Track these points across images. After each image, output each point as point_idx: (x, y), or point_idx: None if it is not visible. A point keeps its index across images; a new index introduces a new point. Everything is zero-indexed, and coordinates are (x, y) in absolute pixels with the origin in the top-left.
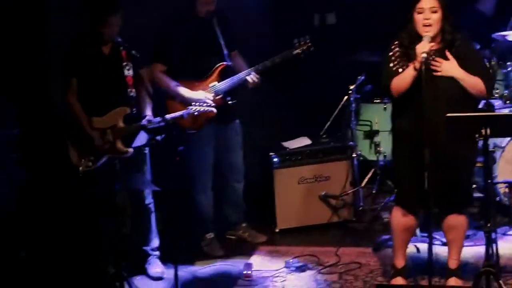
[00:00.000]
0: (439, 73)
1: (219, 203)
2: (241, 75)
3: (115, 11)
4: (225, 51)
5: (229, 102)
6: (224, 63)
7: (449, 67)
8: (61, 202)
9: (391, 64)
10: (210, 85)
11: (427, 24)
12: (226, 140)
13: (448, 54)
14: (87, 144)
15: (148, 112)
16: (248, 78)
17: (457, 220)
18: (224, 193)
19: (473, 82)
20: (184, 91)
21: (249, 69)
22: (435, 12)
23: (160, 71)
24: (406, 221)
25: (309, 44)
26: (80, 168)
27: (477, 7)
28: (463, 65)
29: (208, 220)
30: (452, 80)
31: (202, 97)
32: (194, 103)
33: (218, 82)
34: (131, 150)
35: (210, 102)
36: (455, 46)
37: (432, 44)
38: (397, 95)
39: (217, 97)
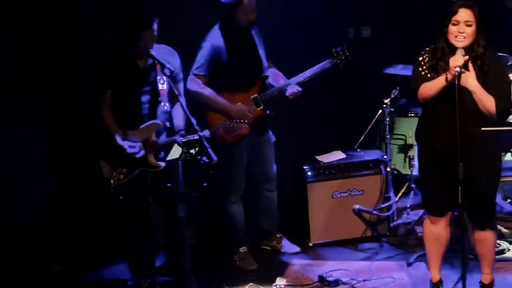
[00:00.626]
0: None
1: (253, 213)
2: (281, 86)
3: (148, 26)
4: (265, 63)
5: (269, 114)
6: (265, 74)
7: (466, 77)
8: (94, 215)
9: (420, 69)
10: (252, 97)
11: (460, 36)
12: (260, 150)
13: (470, 65)
14: (119, 157)
15: (182, 127)
16: (289, 89)
17: (484, 234)
18: (258, 203)
19: (484, 99)
20: (225, 103)
21: (288, 80)
22: (469, 25)
23: (202, 82)
24: (437, 229)
25: (347, 53)
26: (112, 181)
27: None
28: (485, 79)
29: (241, 231)
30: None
31: (243, 110)
32: (227, 120)
33: (259, 94)
34: (163, 164)
35: (250, 115)
36: (481, 59)
37: (466, 57)
38: (421, 101)
39: (258, 109)
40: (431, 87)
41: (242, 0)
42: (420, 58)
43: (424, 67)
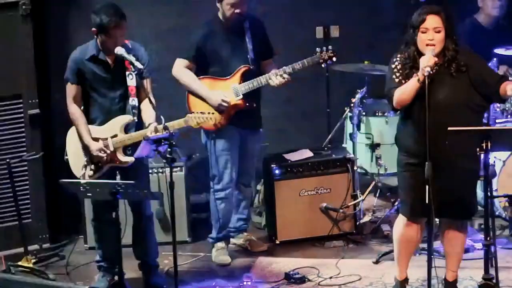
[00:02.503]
0: None
1: None
2: (261, 78)
3: (117, 24)
4: (251, 55)
5: (247, 104)
6: (248, 65)
7: None
8: (62, 211)
9: (394, 76)
10: (232, 85)
11: (431, 44)
12: (246, 146)
13: None
14: (88, 153)
15: (151, 121)
16: (274, 78)
17: (457, 233)
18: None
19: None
20: (202, 88)
21: (269, 73)
22: (438, 32)
23: (184, 66)
24: (409, 232)
25: (332, 54)
26: (81, 178)
27: (475, 18)
28: (472, 74)
29: (225, 226)
30: (453, 91)
31: (219, 97)
32: (193, 112)
33: (239, 83)
34: (132, 159)
35: (225, 104)
36: (457, 62)
37: (436, 58)
38: (399, 107)
39: (237, 98)
40: (405, 91)
41: None
42: (393, 66)
43: (398, 74)
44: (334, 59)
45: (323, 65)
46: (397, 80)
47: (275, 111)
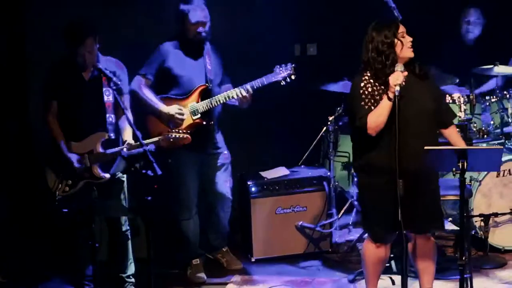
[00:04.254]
0: None
1: (202, 227)
2: (219, 97)
3: (80, 41)
4: (210, 76)
5: (204, 123)
6: (205, 84)
7: None
8: (37, 226)
9: (363, 103)
10: (190, 104)
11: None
12: (211, 169)
13: None
14: (65, 168)
15: (128, 138)
16: (232, 96)
17: (427, 247)
18: (208, 219)
19: None
20: (159, 105)
21: (227, 91)
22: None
23: (144, 83)
24: (380, 253)
25: (290, 71)
26: (57, 193)
27: (458, 38)
28: (431, 83)
29: (194, 245)
30: (420, 108)
31: (173, 110)
32: (170, 130)
33: (197, 102)
34: (107, 175)
35: (182, 117)
36: (419, 63)
37: (405, 73)
38: (375, 133)
39: (195, 118)
40: (380, 113)
41: (188, 11)
42: (361, 91)
43: (367, 100)
44: (292, 77)
45: (282, 83)
46: (366, 106)
47: (252, 128)
